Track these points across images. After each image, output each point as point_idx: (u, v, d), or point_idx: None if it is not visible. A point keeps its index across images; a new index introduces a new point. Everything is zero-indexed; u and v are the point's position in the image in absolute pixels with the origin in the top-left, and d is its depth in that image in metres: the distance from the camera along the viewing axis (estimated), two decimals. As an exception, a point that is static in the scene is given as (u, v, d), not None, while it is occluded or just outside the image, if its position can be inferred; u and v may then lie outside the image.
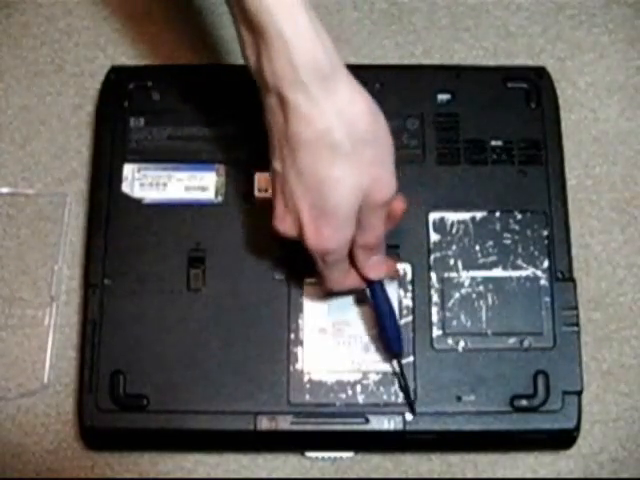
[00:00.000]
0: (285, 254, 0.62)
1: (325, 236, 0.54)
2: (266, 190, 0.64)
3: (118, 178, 0.64)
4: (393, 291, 0.62)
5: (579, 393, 0.60)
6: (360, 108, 0.52)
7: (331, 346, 0.61)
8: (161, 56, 0.71)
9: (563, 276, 0.63)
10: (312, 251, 0.55)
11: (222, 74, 0.67)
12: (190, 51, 0.71)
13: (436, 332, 0.61)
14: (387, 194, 0.54)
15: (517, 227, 0.64)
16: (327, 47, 0.51)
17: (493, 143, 0.65)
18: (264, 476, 0.62)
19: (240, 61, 0.71)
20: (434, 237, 0.63)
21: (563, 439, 0.61)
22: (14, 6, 0.72)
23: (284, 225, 0.55)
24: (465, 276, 0.63)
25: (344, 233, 0.54)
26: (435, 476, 0.62)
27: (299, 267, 0.62)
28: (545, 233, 0.63)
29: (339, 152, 0.52)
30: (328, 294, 0.61)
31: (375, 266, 0.58)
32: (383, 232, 0.56)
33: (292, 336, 0.61)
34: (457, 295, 0.62)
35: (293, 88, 0.51)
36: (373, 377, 0.61)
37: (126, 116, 0.66)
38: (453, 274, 0.63)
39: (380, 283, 0.59)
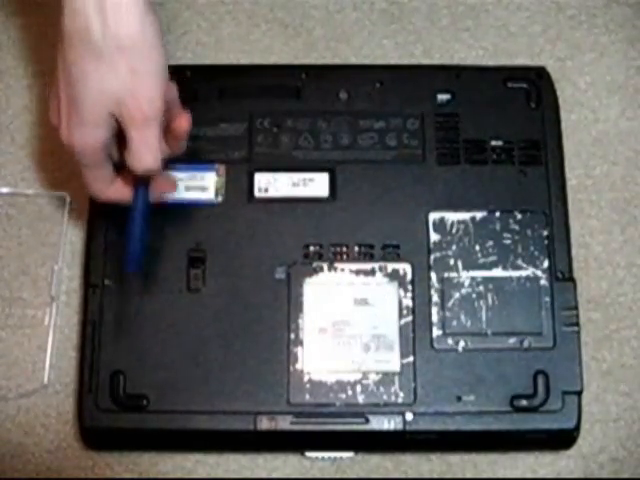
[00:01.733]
0: (285, 254, 0.63)
1: (72, 132, 0.54)
2: (266, 190, 0.64)
3: (118, 178, 0.64)
4: (393, 291, 0.62)
5: (579, 393, 0.60)
6: (126, 15, 0.52)
7: (331, 346, 0.61)
8: (161, 56, 0.71)
9: (563, 276, 0.63)
10: (66, 147, 0.55)
11: (222, 74, 0.67)
12: (190, 51, 0.71)
13: (436, 332, 0.61)
14: (145, 109, 0.53)
15: (517, 227, 0.64)
16: None
17: (493, 143, 0.65)
18: (264, 476, 0.62)
19: (240, 61, 0.71)
20: (434, 237, 0.63)
21: (563, 439, 0.61)
22: (14, 6, 0.72)
23: (51, 114, 0.56)
24: (465, 276, 0.63)
25: (91, 135, 0.54)
26: (435, 476, 0.62)
27: (299, 267, 0.62)
28: (545, 233, 0.63)
29: (94, 51, 0.52)
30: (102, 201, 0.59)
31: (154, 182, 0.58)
32: (150, 149, 0.55)
33: (292, 336, 0.61)
34: (457, 295, 0.62)
35: None
36: (373, 377, 0.61)
37: (126, 116, 0.66)
38: (453, 274, 0.63)
39: (146, 187, 0.58)
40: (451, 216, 0.64)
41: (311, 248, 0.63)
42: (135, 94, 0.53)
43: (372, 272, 0.63)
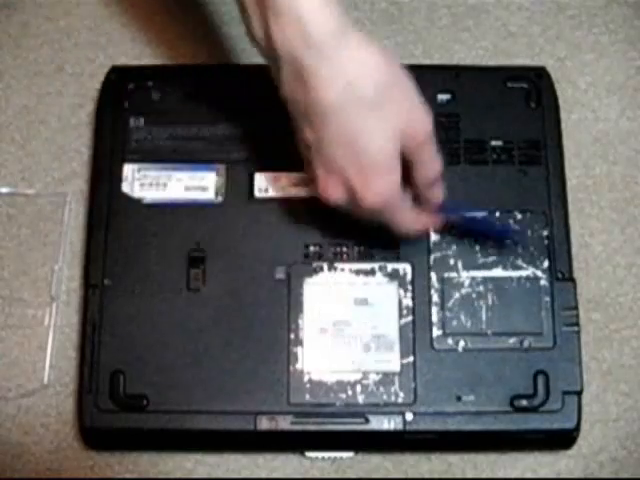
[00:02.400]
0: (285, 254, 0.63)
1: (376, 187, 0.54)
2: (266, 190, 0.64)
3: (118, 178, 0.64)
4: (393, 291, 0.62)
5: (579, 393, 0.60)
6: (378, 60, 0.53)
7: (331, 346, 0.61)
8: (161, 56, 0.71)
9: (563, 276, 0.63)
10: (370, 207, 0.55)
11: (222, 74, 0.67)
12: (190, 51, 0.71)
13: (436, 332, 0.61)
14: (424, 129, 0.55)
15: (517, 227, 0.64)
16: (334, 3, 0.52)
17: (493, 143, 0.65)
18: (264, 476, 0.62)
19: (240, 61, 0.71)
20: (434, 237, 0.63)
21: (563, 439, 0.61)
22: (14, 6, 0.72)
23: (331, 193, 0.55)
24: (465, 276, 0.63)
25: (392, 178, 0.55)
26: (435, 476, 0.62)
27: (299, 267, 0.62)
28: (545, 233, 0.63)
29: (366, 104, 0.52)
30: (404, 237, 0.60)
31: (437, 190, 0.59)
32: (441, 165, 0.57)
33: (292, 336, 0.61)
34: (457, 295, 0.62)
35: (307, 53, 0.51)
36: (373, 377, 0.61)
37: (126, 116, 0.66)
38: (453, 274, 0.63)
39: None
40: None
41: (311, 248, 0.63)
42: (411, 121, 0.54)
43: (372, 272, 0.63)
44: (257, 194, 0.64)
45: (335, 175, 0.55)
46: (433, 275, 0.63)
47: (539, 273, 0.63)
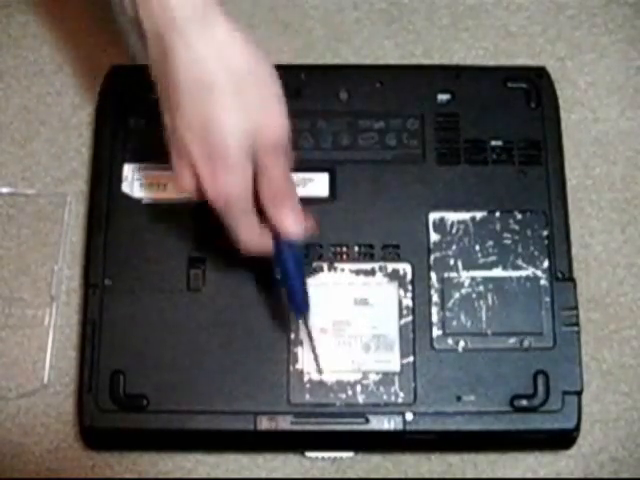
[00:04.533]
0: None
1: (221, 181, 0.52)
2: (266, 190, 0.64)
3: (118, 178, 0.64)
4: (393, 291, 0.62)
5: (579, 393, 0.60)
6: (239, 49, 0.51)
7: (331, 346, 0.61)
8: (161, 56, 0.71)
9: (563, 276, 0.63)
10: (213, 202, 0.53)
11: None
12: (190, 51, 0.71)
13: (436, 332, 0.61)
14: (277, 135, 0.52)
15: (517, 227, 0.64)
16: None
17: (493, 143, 0.65)
18: (264, 476, 0.62)
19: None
20: (434, 237, 0.63)
21: (563, 439, 0.61)
22: (14, 6, 0.72)
23: (182, 180, 0.54)
24: (465, 276, 0.63)
25: (240, 176, 0.52)
26: (435, 476, 0.62)
27: (299, 267, 0.62)
28: (545, 233, 0.63)
29: (219, 94, 0.51)
30: (243, 255, 0.57)
31: (290, 216, 0.54)
32: (288, 178, 0.54)
33: (292, 336, 0.61)
34: (457, 295, 0.62)
35: (169, 30, 0.50)
36: (373, 377, 0.61)
37: (126, 116, 0.66)
38: (453, 274, 0.63)
39: (288, 240, 0.55)
40: (451, 216, 0.64)
41: (311, 248, 0.63)
42: (266, 123, 0.52)
43: (372, 272, 0.63)
44: (257, 194, 0.64)
45: (185, 160, 0.53)
46: (433, 275, 0.63)
47: (539, 273, 0.63)
